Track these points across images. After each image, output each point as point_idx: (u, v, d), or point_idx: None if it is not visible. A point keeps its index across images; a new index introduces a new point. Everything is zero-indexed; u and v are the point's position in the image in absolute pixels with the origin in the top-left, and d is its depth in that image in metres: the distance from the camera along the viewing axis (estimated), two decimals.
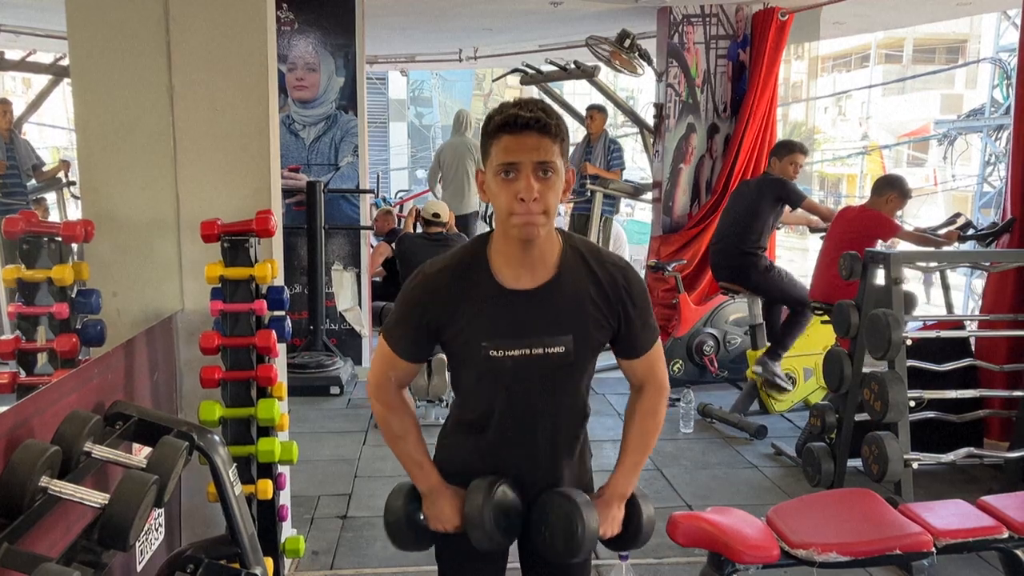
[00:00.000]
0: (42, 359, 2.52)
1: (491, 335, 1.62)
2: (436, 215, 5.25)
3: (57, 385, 1.93)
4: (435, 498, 1.74)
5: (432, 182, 7.63)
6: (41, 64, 7.03)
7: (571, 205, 7.02)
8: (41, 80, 7.12)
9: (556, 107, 1.63)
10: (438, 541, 1.82)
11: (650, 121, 6.38)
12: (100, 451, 1.77)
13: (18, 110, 6.90)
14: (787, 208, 4.92)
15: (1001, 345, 4.06)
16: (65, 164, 7.01)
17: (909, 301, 3.58)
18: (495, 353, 1.62)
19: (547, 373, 1.65)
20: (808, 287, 4.74)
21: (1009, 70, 10.81)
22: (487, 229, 1.68)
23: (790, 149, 4.88)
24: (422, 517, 1.76)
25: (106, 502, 1.57)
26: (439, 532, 1.74)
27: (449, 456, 1.81)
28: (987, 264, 4.08)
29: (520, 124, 1.48)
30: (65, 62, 6.34)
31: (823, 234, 4.80)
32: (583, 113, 6.88)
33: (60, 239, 2.47)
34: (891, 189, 4.39)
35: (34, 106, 7.23)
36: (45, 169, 6.92)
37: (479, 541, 1.67)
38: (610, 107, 7.16)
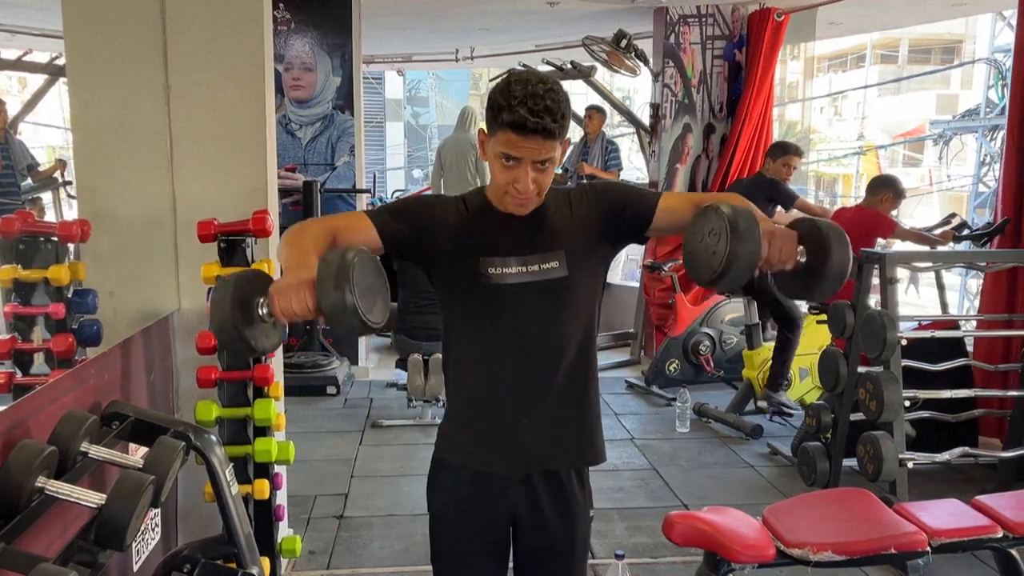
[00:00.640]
0: (38, 359, 2.51)
1: (488, 251, 1.64)
2: None
3: (53, 385, 1.93)
4: (296, 271, 1.43)
5: (435, 180, 7.62)
6: (37, 63, 7.03)
7: None
8: (37, 79, 7.12)
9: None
10: (433, 537, 1.80)
11: (646, 121, 6.39)
12: (97, 451, 1.77)
13: (14, 109, 6.89)
14: (780, 209, 4.93)
15: (995, 345, 4.08)
16: (61, 163, 7.01)
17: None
18: (493, 270, 1.63)
19: (547, 299, 1.65)
20: (799, 302, 4.74)
21: (1004, 71, 10.84)
22: None
23: (784, 151, 4.88)
24: (263, 310, 1.41)
25: (103, 502, 1.56)
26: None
27: (452, 439, 1.76)
28: (982, 264, 4.09)
29: (529, 128, 1.51)
30: (61, 61, 6.33)
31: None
32: (579, 113, 6.88)
33: (56, 239, 2.47)
34: (886, 189, 4.42)
35: (30, 105, 7.22)
36: (41, 169, 6.90)
37: (335, 308, 1.35)
38: (606, 107, 7.16)
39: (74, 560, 1.61)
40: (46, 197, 6.98)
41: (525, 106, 1.50)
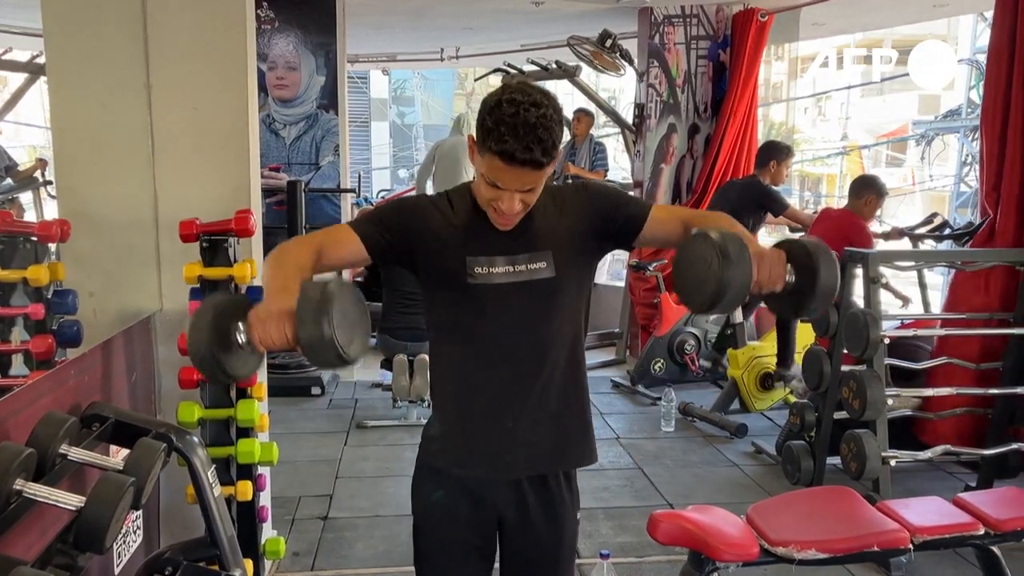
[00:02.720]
0: (17, 360, 2.49)
1: (474, 251, 1.62)
2: None
3: (33, 386, 1.91)
4: (277, 297, 1.40)
5: (423, 177, 7.57)
6: (17, 62, 6.96)
7: None
8: (17, 78, 7.04)
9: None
10: (418, 540, 1.79)
11: (631, 121, 6.40)
12: (76, 453, 1.75)
13: None
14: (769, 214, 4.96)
15: (977, 344, 4.09)
16: (42, 163, 6.95)
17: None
18: (480, 270, 1.61)
19: (533, 300, 1.63)
20: None
21: (985, 71, 10.93)
22: None
23: (788, 152, 4.88)
24: (242, 337, 1.40)
25: (82, 505, 1.55)
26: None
27: (436, 442, 1.74)
28: (959, 263, 4.11)
29: (518, 161, 1.47)
30: (41, 60, 6.27)
31: (803, 234, 4.84)
32: (566, 114, 6.87)
33: (36, 239, 2.45)
34: (869, 190, 4.44)
35: (10, 104, 7.15)
36: (21, 168, 6.84)
37: (313, 342, 1.32)
38: (592, 108, 7.17)
39: (53, 563, 1.59)
40: (26, 197, 6.91)
41: (516, 135, 1.45)
